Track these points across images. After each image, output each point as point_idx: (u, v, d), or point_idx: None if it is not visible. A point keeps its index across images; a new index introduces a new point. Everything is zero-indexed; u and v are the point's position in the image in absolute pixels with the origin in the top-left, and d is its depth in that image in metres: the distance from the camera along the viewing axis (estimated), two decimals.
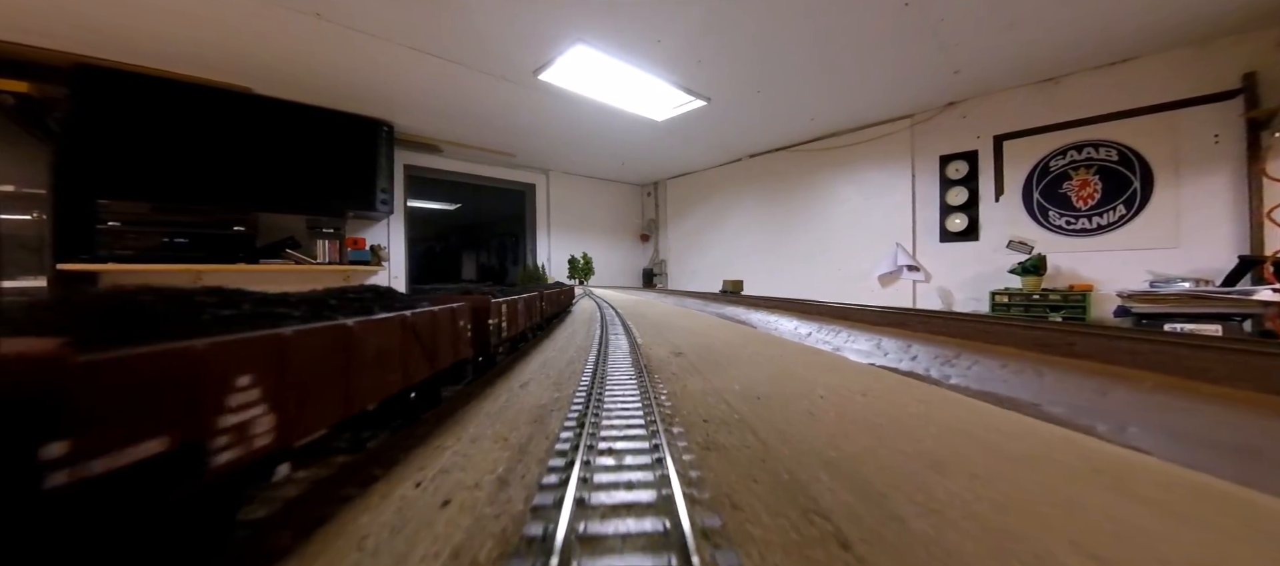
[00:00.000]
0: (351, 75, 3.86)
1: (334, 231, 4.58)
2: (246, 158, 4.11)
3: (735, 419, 0.91)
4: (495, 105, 4.50)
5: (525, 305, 1.60)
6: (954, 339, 1.52)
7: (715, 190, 7.07)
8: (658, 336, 2.02)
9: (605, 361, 1.36)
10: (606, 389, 1.06)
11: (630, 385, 1.09)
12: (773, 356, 1.53)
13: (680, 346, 1.76)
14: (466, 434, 0.84)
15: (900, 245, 4.86)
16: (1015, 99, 4.26)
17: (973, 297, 4.46)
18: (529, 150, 6.12)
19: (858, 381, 1.14)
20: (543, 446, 0.77)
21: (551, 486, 0.61)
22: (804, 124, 5.10)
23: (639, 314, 3.02)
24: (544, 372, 1.25)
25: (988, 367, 1.25)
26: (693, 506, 0.54)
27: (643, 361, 1.39)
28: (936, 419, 0.89)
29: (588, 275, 6.93)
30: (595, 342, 1.77)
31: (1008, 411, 0.95)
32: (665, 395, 1.04)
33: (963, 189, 4.51)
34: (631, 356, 1.48)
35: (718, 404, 1.00)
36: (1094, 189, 3.92)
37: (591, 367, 1.25)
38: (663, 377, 1.21)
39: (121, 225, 3.72)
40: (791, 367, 1.33)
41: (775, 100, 4.43)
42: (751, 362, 1.42)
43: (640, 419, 0.87)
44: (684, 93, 4.03)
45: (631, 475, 0.64)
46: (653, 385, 1.10)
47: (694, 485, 0.61)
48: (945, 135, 4.64)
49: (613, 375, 1.16)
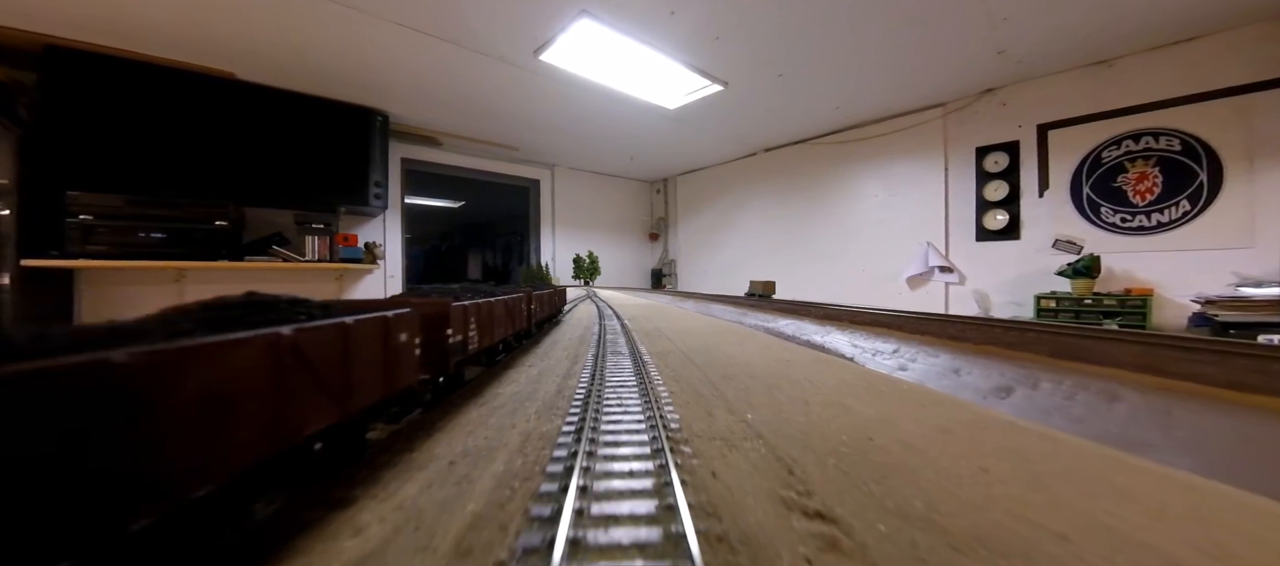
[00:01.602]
0: (341, 59, 3.58)
1: (324, 227, 4.30)
2: (229, 148, 3.85)
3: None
4: (495, 92, 4.20)
5: (505, 309, 1.27)
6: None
7: (728, 186, 6.73)
8: (701, 389, 1.04)
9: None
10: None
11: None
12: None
13: (774, 427, 0.80)
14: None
15: (931, 244, 4.49)
16: (1062, 84, 3.89)
17: (1013, 301, 4.08)
18: (533, 144, 5.82)
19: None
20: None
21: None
22: (827, 113, 4.74)
23: (654, 328, 2.13)
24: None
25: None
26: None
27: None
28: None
29: (593, 275, 6.62)
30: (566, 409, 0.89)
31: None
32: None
33: (1002, 183, 4.14)
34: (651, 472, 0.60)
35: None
36: (1153, 182, 3.54)
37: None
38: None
39: (93, 219, 3.46)
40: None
41: (798, 86, 4.08)
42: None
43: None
44: (699, 76, 3.69)
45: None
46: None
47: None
48: (983, 124, 4.26)
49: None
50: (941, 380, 1.22)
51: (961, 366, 1.26)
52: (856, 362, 1.43)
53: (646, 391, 0.98)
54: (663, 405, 0.90)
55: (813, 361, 1.35)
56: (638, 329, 2.09)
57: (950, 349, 1.42)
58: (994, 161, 4.19)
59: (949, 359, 1.33)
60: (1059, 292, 3.72)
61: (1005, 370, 1.20)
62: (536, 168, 6.72)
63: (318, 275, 4.66)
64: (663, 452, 0.66)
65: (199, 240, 3.78)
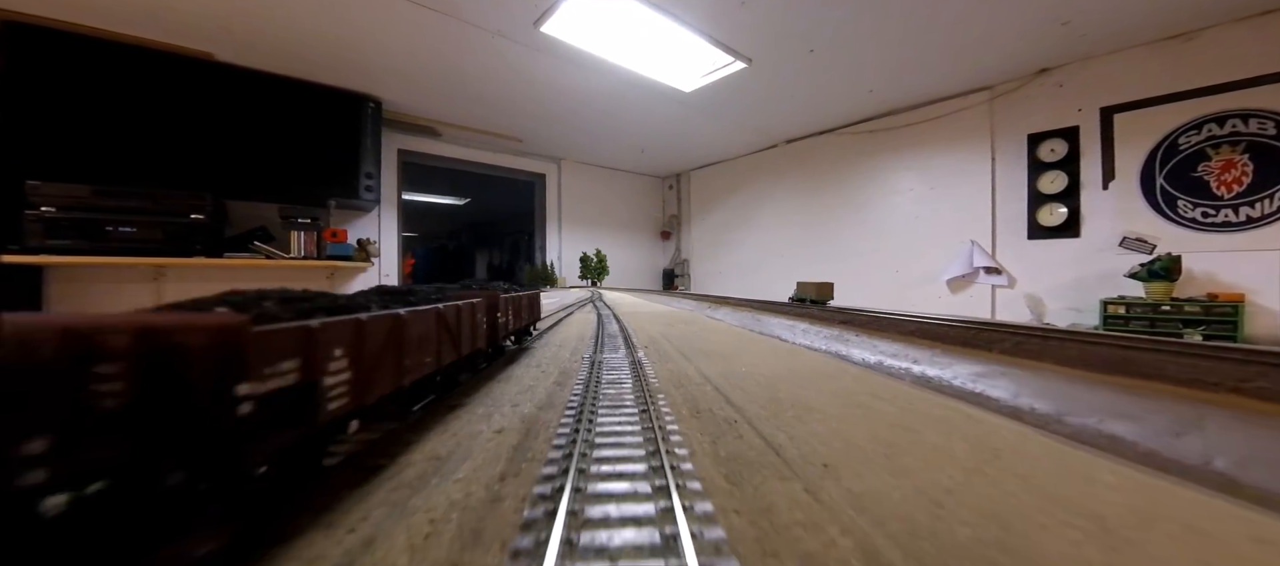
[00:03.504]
0: (327, 37, 3.26)
1: (310, 222, 3.98)
2: (206, 136, 3.55)
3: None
4: (493, 74, 3.85)
5: (418, 337, 0.76)
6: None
7: (746, 181, 6.31)
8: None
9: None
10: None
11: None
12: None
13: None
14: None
15: (976, 243, 4.05)
16: (1130, 61, 3.43)
17: (1071, 307, 3.63)
18: (538, 135, 5.46)
19: None
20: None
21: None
22: (860, 98, 4.31)
23: (681, 375, 1.22)
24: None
25: None
26: None
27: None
28: None
29: (601, 275, 6.25)
30: None
31: None
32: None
33: (1060, 174, 3.68)
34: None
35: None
36: (1242, 171, 3.08)
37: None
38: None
39: (56, 211, 3.17)
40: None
41: (830, 65, 3.66)
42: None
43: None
44: (720, 49, 3.28)
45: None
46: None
47: None
48: (1036, 109, 3.81)
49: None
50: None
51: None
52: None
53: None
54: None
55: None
56: (669, 378, 1.14)
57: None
58: (1050, 150, 3.73)
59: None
60: (1131, 297, 3.26)
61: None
62: (542, 161, 6.37)
63: (306, 273, 4.35)
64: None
65: (173, 235, 3.47)
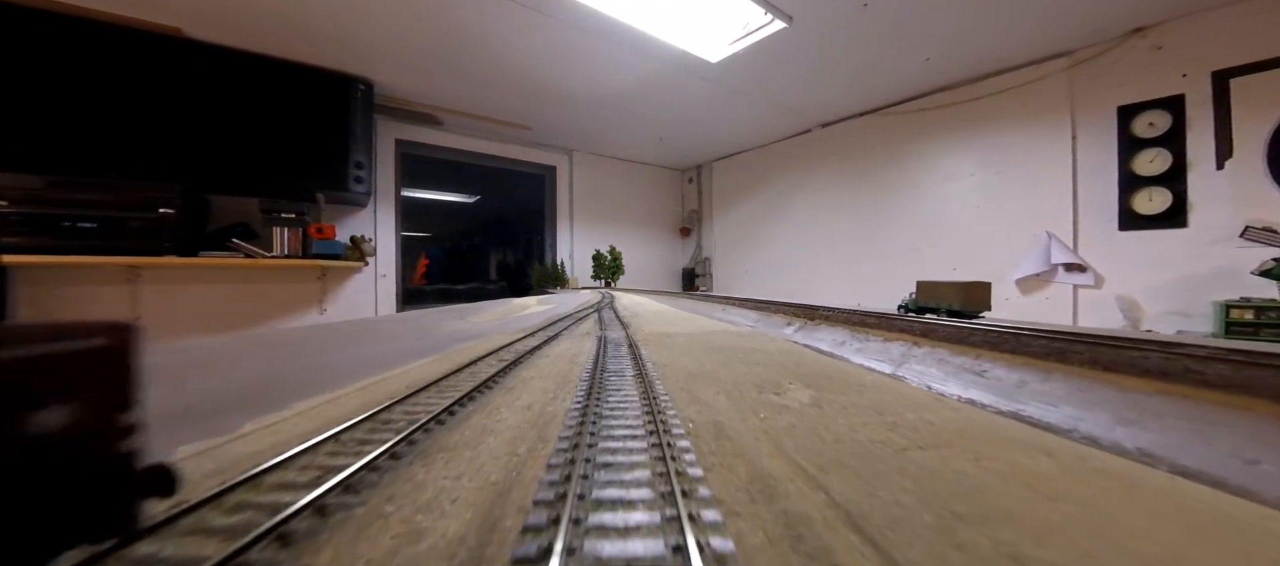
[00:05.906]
0: (308, 11, 2.85)
1: (295, 217, 3.60)
2: (175, 121, 3.19)
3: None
4: (498, 45, 3.41)
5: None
6: None
7: (775, 172, 5.78)
8: None
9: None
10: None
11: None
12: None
13: None
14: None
15: (1053, 236, 3.47)
16: (1250, 15, 2.84)
17: (1176, 310, 3.04)
18: (547, 122, 5.02)
19: None
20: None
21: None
22: (915, 69, 3.75)
23: None
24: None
25: None
26: None
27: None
28: None
29: (616, 275, 5.78)
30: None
31: None
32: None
33: (1161, 151, 3.10)
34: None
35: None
36: None
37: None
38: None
39: (7, 205, 2.83)
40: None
41: (884, 23, 3.12)
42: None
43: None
44: (756, 3, 2.77)
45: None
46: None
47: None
48: (1128, 76, 3.22)
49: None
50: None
51: None
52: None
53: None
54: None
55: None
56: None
57: None
58: (1147, 123, 3.14)
59: None
60: (1259, 300, 2.67)
61: None
62: (552, 152, 5.93)
63: (294, 273, 3.98)
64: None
65: (139, 231, 3.11)
